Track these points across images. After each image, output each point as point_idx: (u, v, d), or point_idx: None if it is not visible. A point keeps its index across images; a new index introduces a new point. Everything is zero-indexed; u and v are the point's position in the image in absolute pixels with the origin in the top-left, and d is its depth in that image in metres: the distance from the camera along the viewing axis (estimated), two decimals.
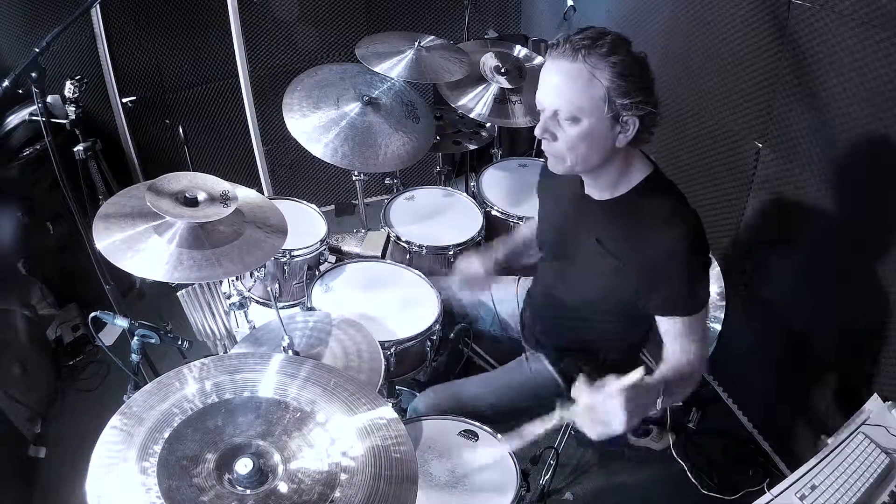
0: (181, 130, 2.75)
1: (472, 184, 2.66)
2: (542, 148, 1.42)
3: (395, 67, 2.42)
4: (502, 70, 2.61)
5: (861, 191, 1.81)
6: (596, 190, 1.51)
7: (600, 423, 1.21)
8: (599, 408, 1.21)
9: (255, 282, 2.23)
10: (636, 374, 1.21)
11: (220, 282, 2.36)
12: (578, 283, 1.62)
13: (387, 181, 2.86)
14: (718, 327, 2.32)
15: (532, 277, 1.94)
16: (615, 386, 1.20)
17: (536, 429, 1.39)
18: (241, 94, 3.09)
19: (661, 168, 1.51)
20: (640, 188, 1.45)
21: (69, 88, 2.35)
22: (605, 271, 1.50)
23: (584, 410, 1.24)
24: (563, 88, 1.31)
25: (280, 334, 1.64)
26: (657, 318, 1.48)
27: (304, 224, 2.31)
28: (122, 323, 1.59)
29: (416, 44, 2.49)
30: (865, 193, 1.79)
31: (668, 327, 1.47)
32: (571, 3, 2.38)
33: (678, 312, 1.44)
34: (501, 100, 2.59)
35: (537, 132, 1.39)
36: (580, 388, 1.25)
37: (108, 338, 2.41)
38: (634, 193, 1.45)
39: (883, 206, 1.73)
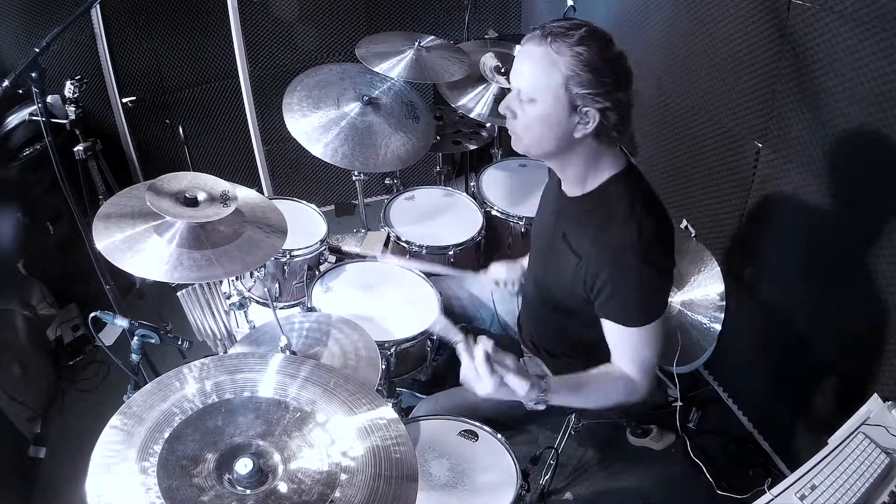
0: (181, 130, 2.75)
1: (472, 184, 2.66)
2: (506, 125, 1.45)
3: (395, 67, 2.42)
4: (502, 70, 2.61)
5: (861, 191, 1.81)
6: (568, 185, 1.52)
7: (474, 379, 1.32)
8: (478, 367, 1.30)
9: (255, 282, 2.23)
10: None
11: (220, 282, 2.36)
12: (552, 278, 1.61)
13: (387, 181, 2.86)
14: (718, 327, 2.32)
15: None
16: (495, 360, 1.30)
17: (459, 341, 1.39)
18: (241, 94, 3.09)
19: (649, 169, 1.51)
20: (603, 186, 1.44)
21: (69, 88, 2.35)
22: (567, 268, 1.50)
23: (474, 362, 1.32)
24: (526, 69, 1.34)
25: (278, 335, 1.63)
26: (602, 320, 1.47)
27: (304, 224, 2.31)
28: (122, 323, 1.59)
29: (416, 44, 2.49)
30: (865, 193, 1.79)
31: (611, 332, 1.46)
32: (571, 3, 2.38)
33: (622, 321, 1.42)
34: (501, 100, 2.58)
35: (500, 108, 1.42)
36: (481, 346, 1.31)
37: (108, 338, 2.41)
38: (598, 191, 1.45)
39: (883, 206, 1.73)
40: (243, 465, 1.04)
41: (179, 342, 1.67)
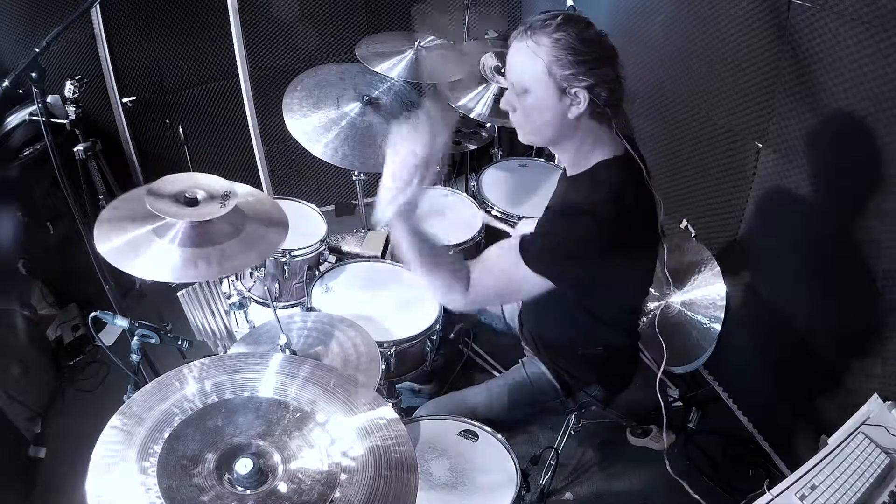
0: (181, 130, 2.75)
1: (472, 184, 2.66)
2: (510, 120, 1.51)
3: (395, 67, 2.42)
4: (502, 70, 2.61)
5: (861, 191, 1.81)
6: (568, 167, 1.56)
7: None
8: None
9: (255, 282, 2.23)
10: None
11: (220, 281, 2.36)
12: None
13: None
14: (718, 327, 2.33)
15: None
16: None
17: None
18: (241, 94, 3.09)
19: (647, 158, 1.50)
20: (594, 167, 1.46)
21: (69, 88, 2.35)
22: None
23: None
24: (514, 65, 1.42)
25: (278, 334, 1.63)
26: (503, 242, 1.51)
27: (304, 224, 2.31)
28: (122, 323, 1.59)
29: (416, 44, 2.49)
30: (865, 193, 1.79)
31: (502, 251, 1.47)
32: (571, 3, 2.38)
33: (521, 252, 1.40)
34: (501, 99, 2.59)
35: (502, 105, 1.50)
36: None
37: (108, 338, 2.41)
38: (589, 171, 1.47)
39: (883, 206, 1.73)
40: (243, 465, 1.04)
41: (179, 342, 1.67)
